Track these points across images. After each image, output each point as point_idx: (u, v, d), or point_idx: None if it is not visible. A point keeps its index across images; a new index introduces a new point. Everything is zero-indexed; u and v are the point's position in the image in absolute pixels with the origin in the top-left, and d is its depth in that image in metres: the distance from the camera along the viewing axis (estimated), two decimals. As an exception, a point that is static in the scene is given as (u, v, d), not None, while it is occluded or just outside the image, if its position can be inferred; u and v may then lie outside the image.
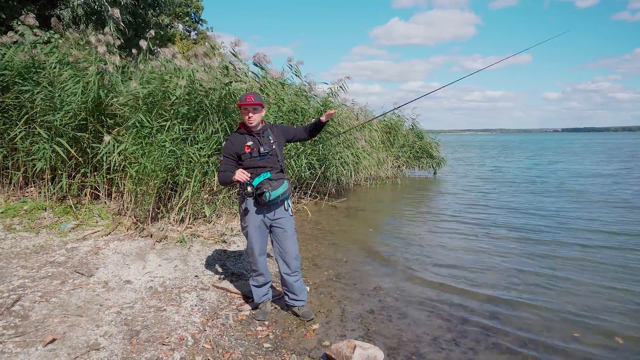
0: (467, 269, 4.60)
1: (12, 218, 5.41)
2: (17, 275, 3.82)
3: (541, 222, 6.81)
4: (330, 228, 6.46)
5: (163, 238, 5.01)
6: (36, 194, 6.08)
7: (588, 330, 3.22)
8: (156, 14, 13.43)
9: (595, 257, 4.93)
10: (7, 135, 5.94)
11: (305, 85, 8.35)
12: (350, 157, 8.85)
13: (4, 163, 6.21)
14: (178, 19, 19.88)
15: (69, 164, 5.87)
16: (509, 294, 3.91)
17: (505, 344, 3.01)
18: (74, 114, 5.74)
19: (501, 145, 49.31)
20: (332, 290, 3.95)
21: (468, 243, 5.63)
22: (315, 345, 2.94)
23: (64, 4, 10.73)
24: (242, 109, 3.12)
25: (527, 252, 5.20)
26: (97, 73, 5.84)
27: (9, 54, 6.15)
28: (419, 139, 14.29)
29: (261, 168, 3.09)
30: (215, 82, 5.94)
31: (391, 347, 2.95)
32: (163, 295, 3.60)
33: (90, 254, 4.46)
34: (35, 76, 5.96)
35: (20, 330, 2.89)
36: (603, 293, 3.91)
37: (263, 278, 3.30)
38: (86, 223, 5.41)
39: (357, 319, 3.36)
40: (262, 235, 3.21)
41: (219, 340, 2.93)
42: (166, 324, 3.10)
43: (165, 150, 5.20)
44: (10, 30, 6.61)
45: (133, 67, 6.78)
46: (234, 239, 5.31)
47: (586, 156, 25.17)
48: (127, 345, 2.78)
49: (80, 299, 3.42)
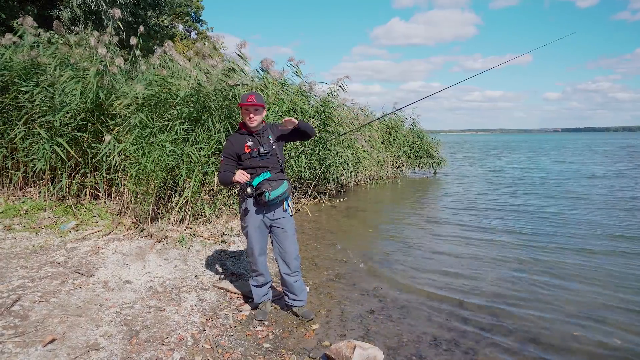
0: (467, 269, 4.60)
1: (12, 218, 5.41)
2: (16, 275, 3.82)
3: (541, 224, 6.81)
4: (330, 228, 6.46)
5: (163, 238, 5.01)
6: (36, 194, 6.08)
7: (587, 330, 3.21)
8: (156, 14, 13.43)
9: (596, 259, 4.93)
10: (7, 135, 5.94)
11: (305, 85, 8.36)
12: (350, 157, 8.86)
13: (4, 163, 6.21)
14: (178, 19, 19.89)
15: (68, 164, 5.87)
16: (509, 294, 3.91)
17: (505, 344, 3.01)
18: (74, 114, 5.74)
19: (502, 145, 49.22)
20: (332, 290, 3.95)
21: (468, 244, 5.63)
22: (315, 345, 2.94)
23: (63, 5, 10.73)
24: (244, 109, 3.12)
25: (528, 253, 5.20)
26: (97, 74, 5.84)
27: (7, 54, 6.15)
28: (419, 139, 14.30)
29: (261, 168, 3.09)
30: (220, 83, 5.95)
31: (391, 347, 2.95)
32: (163, 295, 3.60)
33: (90, 254, 4.46)
34: (35, 77, 5.96)
35: (20, 330, 2.88)
36: (602, 294, 3.90)
37: (263, 278, 3.30)
38: (86, 223, 5.41)
39: (357, 319, 3.36)
40: (262, 235, 3.21)
41: (219, 340, 2.93)
42: (166, 324, 3.09)
43: (165, 150, 5.20)
44: (10, 30, 6.61)
45: (129, 64, 6.76)
46: (233, 239, 5.31)
47: (590, 156, 25.15)
48: (127, 345, 2.78)
49: (80, 299, 3.42)
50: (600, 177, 13.40)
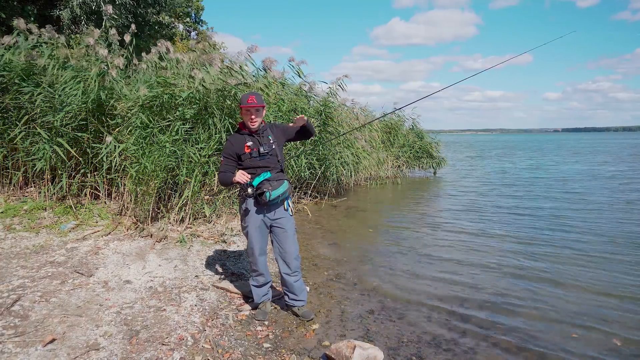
0: (467, 269, 4.60)
1: (12, 218, 5.41)
2: (16, 275, 3.82)
3: (541, 224, 6.81)
4: (330, 228, 6.46)
5: (163, 238, 5.01)
6: (36, 194, 6.08)
7: (587, 331, 3.21)
8: (156, 12, 13.42)
9: (597, 260, 4.92)
10: (7, 135, 5.94)
11: (305, 85, 8.36)
12: (350, 157, 8.86)
13: (4, 163, 6.21)
14: (178, 19, 19.88)
15: (69, 164, 5.87)
16: (509, 294, 3.91)
17: (505, 344, 3.01)
18: (74, 114, 5.75)
19: (504, 145, 48.93)
20: (332, 290, 3.95)
21: (468, 244, 5.62)
22: (315, 345, 2.94)
23: (63, 4, 10.74)
24: (245, 110, 3.11)
25: (528, 253, 5.19)
26: (98, 74, 5.84)
27: (7, 55, 6.15)
28: (419, 139, 14.30)
29: (261, 168, 3.09)
30: (221, 82, 5.96)
31: (391, 347, 2.95)
32: (163, 295, 3.60)
33: (90, 254, 4.46)
34: (35, 78, 5.96)
35: (20, 330, 2.89)
36: (603, 295, 3.90)
37: (263, 278, 3.30)
38: (86, 223, 5.41)
39: (357, 319, 3.36)
40: (263, 235, 3.21)
41: (219, 340, 2.93)
42: (166, 323, 3.09)
43: (165, 151, 5.20)
44: (10, 30, 6.61)
45: (125, 62, 6.76)
46: (233, 239, 5.31)
47: (593, 156, 25.11)
48: (127, 345, 2.78)
49: (80, 299, 3.42)
50: (615, 178, 13.38)
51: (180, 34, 19.17)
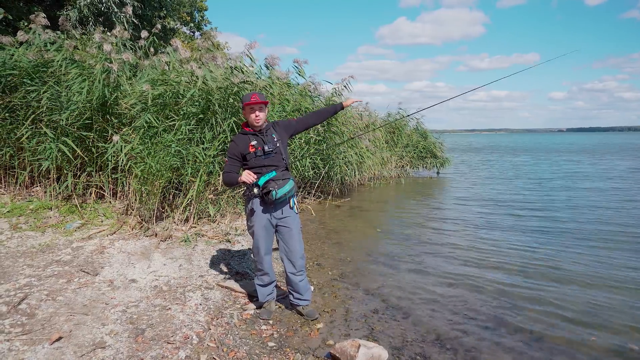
0: (472, 269, 4.59)
1: (18, 217, 5.45)
2: (23, 274, 3.85)
3: (547, 223, 6.77)
4: (334, 228, 6.46)
5: (167, 237, 5.03)
6: (42, 194, 6.12)
7: (593, 330, 3.20)
8: (162, 15, 13.49)
9: (604, 258, 4.90)
10: (14, 135, 5.98)
11: (310, 85, 8.37)
12: (354, 157, 8.86)
13: (11, 163, 6.25)
14: (183, 23, 19.93)
15: (74, 164, 5.91)
16: (513, 293, 3.89)
17: (509, 343, 3.00)
18: (80, 113, 5.77)
19: (514, 147, 47.73)
20: (336, 289, 3.95)
21: (472, 243, 5.61)
22: (320, 344, 2.94)
23: (71, 5, 10.80)
24: (248, 108, 3.12)
25: (532, 252, 5.17)
26: (103, 71, 5.86)
27: (18, 53, 6.18)
28: (423, 139, 14.29)
29: (266, 167, 3.10)
30: (225, 81, 5.97)
31: (395, 346, 2.95)
32: (168, 294, 3.62)
33: (96, 253, 4.48)
34: (43, 75, 5.99)
35: (27, 328, 2.91)
36: (611, 294, 3.88)
37: (268, 277, 3.31)
38: (91, 222, 5.44)
39: (361, 318, 3.37)
40: (269, 234, 3.22)
41: (224, 339, 2.94)
42: (171, 322, 3.11)
43: (170, 150, 5.22)
44: (17, 30, 6.63)
45: (136, 60, 6.79)
46: (238, 238, 5.33)
47: (599, 156, 24.96)
48: (133, 343, 2.80)
49: (86, 297, 3.44)
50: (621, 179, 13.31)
51: (185, 35, 19.24)
